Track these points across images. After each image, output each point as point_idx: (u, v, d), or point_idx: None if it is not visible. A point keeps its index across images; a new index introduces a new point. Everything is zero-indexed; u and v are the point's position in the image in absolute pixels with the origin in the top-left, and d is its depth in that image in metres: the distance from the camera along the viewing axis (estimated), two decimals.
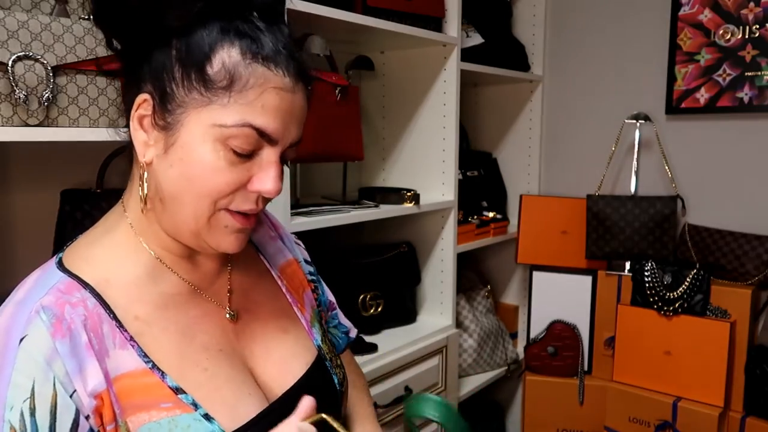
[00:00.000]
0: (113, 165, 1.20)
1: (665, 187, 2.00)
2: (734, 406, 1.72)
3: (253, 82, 0.59)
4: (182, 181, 0.60)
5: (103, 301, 0.61)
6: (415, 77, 1.83)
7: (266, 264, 0.81)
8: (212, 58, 0.59)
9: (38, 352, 0.55)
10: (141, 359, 0.61)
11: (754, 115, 1.85)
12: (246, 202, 0.62)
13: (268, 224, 0.86)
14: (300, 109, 0.63)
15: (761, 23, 1.81)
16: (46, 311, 0.57)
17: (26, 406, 0.54)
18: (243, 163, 0.61)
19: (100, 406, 0.57)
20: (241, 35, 0.60)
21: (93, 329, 0.59)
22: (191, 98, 0.59)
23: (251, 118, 0.59)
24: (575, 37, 2.20)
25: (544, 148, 2.31)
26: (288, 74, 0.61)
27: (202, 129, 0.59)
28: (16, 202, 1.17)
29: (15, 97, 0.86)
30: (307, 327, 0.79)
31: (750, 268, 1.76)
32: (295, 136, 0.63)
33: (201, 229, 0.63)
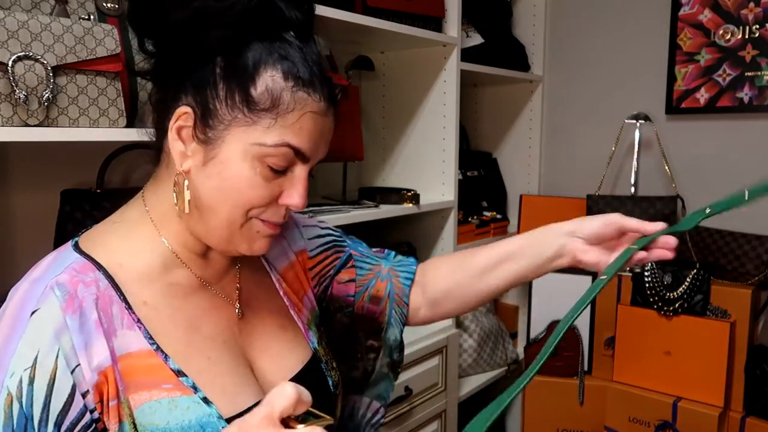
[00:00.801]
0: (113, 165, 1.20)
1: (665, 187, 2.00)
2: (734, 406, 1.72)
3: (293, 106, 0.63)
4: (219, 193, 0.64)
5: (115, 283, 0.64)
6: (415, 77, 1.84)
7: (267, 267, 0.84)
8: (257, 80, 0.62)
9: (48, 325, 0.57)
10: (146, 341, 0.63)
11: (754, 115, 1.85)
12: (275, 214, 0.67)
13: None
14: (330, 130, 0.68)
15: (761, 23, 1.81)
16: (59, 287, 0.59)
17: (26, 375, 0.56)
18: (276, 179, 0.65)
19: (102, 382, 0.59)
20: (283, 57, 0.63)
21: (103, 308, 0.61)
22: (234, 117, 0.63)
23: (290, 138, 0.63)
24: (575, 37, 2.20)
25: (544, 148, 2.31)
26: (323, 99, 0.65)
27: (243, 147, 0.63)
28: (16, 202, 1.17)
29: (15, 97, 0.87)
30: (303, 328, 0.81)
31: (750, 268, 1.76)
32: (323, 154, 0.69)
33: (234, 235, 0.67)
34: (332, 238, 0.93)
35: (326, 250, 0.91)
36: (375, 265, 0.95)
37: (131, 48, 1.11)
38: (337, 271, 0.92)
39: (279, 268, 0.84)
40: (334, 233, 0.94)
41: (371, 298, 0.93)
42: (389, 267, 0.95)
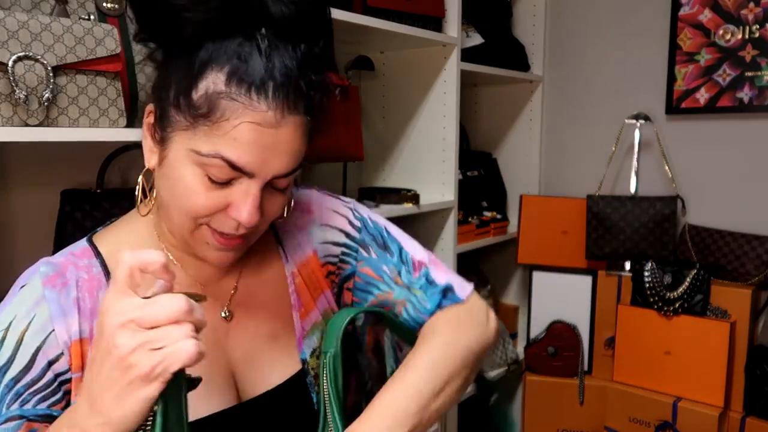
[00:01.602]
0: (113, 165, 1.20)
1: (665, 187, 2.00)
2: (734, 406, 1.72)
3: (229, 114, 0.57)
4: (169, 194, 0.63)
5: (108, 272, 0.66)
6: (415, 77, 1.83)
7: (283, 259, 0.78)
8: (198, 84, 0.58)
9: (29, 297, 0.62)
10: None
11: (754, 115, 1.86)
12: (225, 225, 0.62)
13: (298, 212, 0.80)
14: (287, 143, 0.60)
15: (761, 23, 1.81)
16: (47, 265, 0.65)
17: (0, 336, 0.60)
18: (221, 189, 0.61)
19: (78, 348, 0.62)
20: (235, 58, 0.58)
21: (88, 290, 0.64)
22: (178, 120, 0.60)
23: (223, 149, 0.58)
24: (575, 37, 2.20)
25: (544, 148, 2.31)
26: (273, 107, 0.58)
27: (184, 151, 0.60)
28: (16, 202, 1.17)
29: (15, 97, 0.86)
30: (298, 336, 0.75)
31: (750, 268, 1.76)
32: (279, 169, 0.61)
33: (187, 240, 0.65)
34: (343, 250, 0.81)
35: (332, 264, 0.81)
36: (384, 293, 0.81)
37: (131, 48, 1.11)
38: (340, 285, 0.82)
39: (296, 260, 0.78)
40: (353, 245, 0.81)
41: None
42: (402, 299, 0.80)
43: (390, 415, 0.64)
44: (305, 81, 0.61)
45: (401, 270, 0.80)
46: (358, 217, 0.82)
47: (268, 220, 0.66)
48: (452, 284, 0.80)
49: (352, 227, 0.82)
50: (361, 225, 0.82)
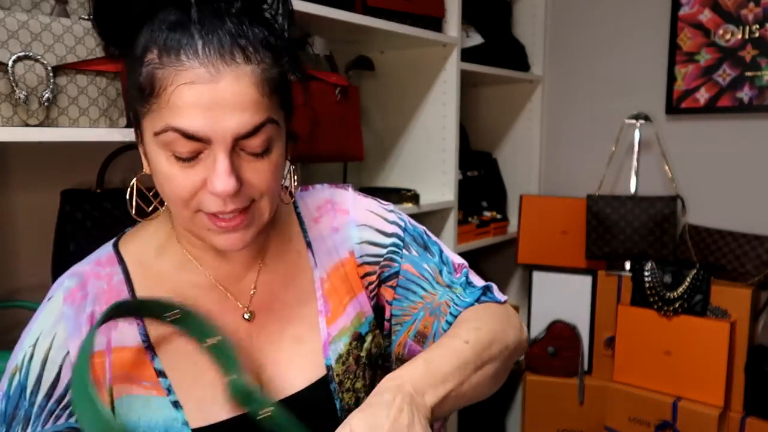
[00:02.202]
0: (113, 165, 1.20)
1: (665, 187, 2.00)
2: (734, 406, 1.72)
3: (165, 83, 0.56)
4: (160, 189, 0.63)
5: (129, 279, 0.67)
6: (415, 77, 1.83)
7: (312, 263, 0.76)
8: (141, 69, 0.58)
9: (52, 312, 0.64)
10: (140, 337, 0.65)
11: (754, 115, 1.86)
12: (212, 204, 0.60)
13: (334, 212, 0.79)
14: (232, 96, 0.56)
15: (761, 23, 1.81)
16: (72, 278, 0.66)
17: (29, 352, 0.63)
18: (192, 167, 0.58)
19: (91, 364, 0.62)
20: (164, 31, 0.57)
21: (107, 302, 0.65)
22: (139, 111, 0.60)
23: (170, 120, 0.56)
24: (575, 37, 2.20)
25: (544, 148, 2.31)
26: (204, 62, 0.55)
27: (150, 140, 0.60)
28: (16, 202, 1.17)
29: (15, 97, 0.87)
30: (324, 341, 0.73)
31: (750, 268, 1.76)
32: (236, 126, 0.57)
33: (193, 230, 0.64)
34: (387, 250, 0.79)
35: (374, 263, 0.78)
36: (428, 294, 0.78)
37: None
38: (380, 284, 0.80)
39: (327, 265, 0.76)
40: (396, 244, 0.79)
41: (417, 335, 0.78)
42: (446, 299, 0.77)
43: (433, 370, 0.63)
44: (237, 28, 0.57)
45: (442, 270, 0.79)
46: (400, 218, 0.82)
47: (261, 190, 0.62)
48: (491, 286, 0.80)
49: (392, 225, 0.80)
50: (403, 225, 0.81)
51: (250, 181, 0.60)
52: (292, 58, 0.63)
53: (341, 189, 0.81)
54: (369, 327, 0.77)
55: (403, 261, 0.78)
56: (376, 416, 0.56)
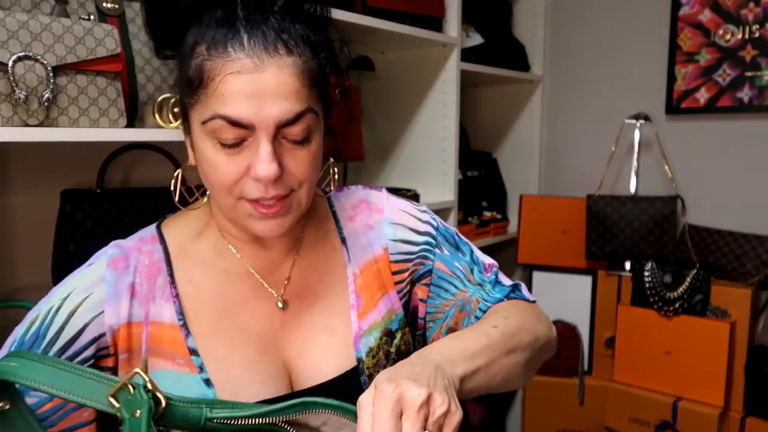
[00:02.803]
0: (113, 165, 1.21)
1: (665, 187, 2.00)
2: (734, 406, 1.72)
3: (213, 74, 0.60)
4: (205, 179, 0.67)
5: (169, 259, 0.70)
6: (415, 77, 1.83)
7: (346, 258, 0.78)
8: (191, 61, 0.62)
9: (92, 275, 0.67)
10: (176, 315, 0.68)
11: (754, 115, 1.86)
12: (254, 190, 0.63)
13: (368, 211, 0.81)
14: (276, 85, 0.60)
15: (761, 23, 1.81)
16: (116, 248, 0.69)
17: (56, 304, 0.65)
18: (237, 154, 0.62)
19: (125, 332, 0.66)
20: (212, 27, 0.61)
21: (147, 276, 0.68)
22: (188, 103, 0.65)
23: (217, 108, 0.60)
24: (575, 37, 2.20)
25: (544, 148, 2.31)
26: (250, 54, 0.60)
27: (198, 129, 0.64)
28: (16, 202, 1.17)
29: (15, 97, 0.87)
30: (355, 334, 0.75)
31: (750, 268, 1.76)
32: (278, 114, 0.60)
33: (236, 218, 0.67)
34: (420, 248, 0.80)
35: (407, 261, 0.80)
36: (460, 291, 0.80)
37: (131, 48, 1.11)
38: (413, 282, 0.81)
39: (360, 261, 0.78)
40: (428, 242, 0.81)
41: (448, 331, 0.80)
42: (476, 297, 0.79)
43: (462, 345, 0.64)
44: (279, 24, 0.62)
45: (473, 269, 0.81)
46: (432, 218, 0.83)
47: (300, 179, 0.65)
48: (520, 285, 0.81)
49: (425, 225, 0.82)
50: (435, 225, 0.83)
51: (291, 168, 0.64)
52: (329, 54, 0.67)
53: (375, 190, 0.84)
54: (399, 324, 0.79)
55: (435, 259, 0.80)
56: (398, 368, 0.56)
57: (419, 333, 0.83)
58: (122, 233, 1.16)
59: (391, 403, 0.52)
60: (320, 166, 0.70)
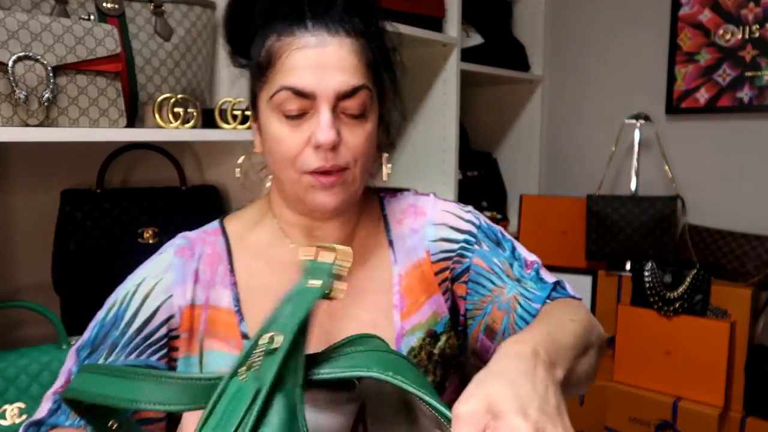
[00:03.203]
0: (113, 165, 1.21)
1: (665, 187, 2.00)
2: (734, 406, 1.72)
3: (281, 52, 0.67)
4: (270, 158, 0.72)
5: (229, 249, 0.76)
6: (415, 77, 1.83)
7: (392, 259, 0.80)
8: (261, 50, 0.70)
9: (162, 262, 0.73)
10: (233, 302, 0.73)
11: (754, 115, 1.86)
12: (314, 160, 0.68)
13: (414, 215, 0.84)
14: (337, 59, 0.67)
15: (761, 23, 1.81)
16: (183, 239, 0.76)
17: (132, 289, 0.71)
18: (300, 125, 0.68)
19: (188, 313, 0.72)
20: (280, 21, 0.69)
21: (210, 264, 0.74)
22: (257, 86, 0.72)
23: (283, 80, 0.67)
24: (575, 37, 2.20)
25: (544, 148, 2.31)
26: (315, 33, 0.67)
27: (265, 107, 0.70)
28: (16, 202, 1.17)
29: (15, 97, 0.87)
30: (397, 333, 0.77)
31: (750, 268, 1.76)
32: (338, 85, 0.67)
33: (299, 193, 0.71)
34: (459, 245, 0.81)
35: (446, 259, 0.81)
36: (497, 287, 0.79)
37: (131, 48, 1.11)
38: (453, 280, 0.82)
39: (406, 264, 0.80)
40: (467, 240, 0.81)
41: (486, 329, 0.79)
42: (514, 294, 0.77)
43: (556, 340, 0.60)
44: (341, 17, 0.69)
45: (513, 264, 0.80)
46: (476, 217, 0.84)
47: (355, 155, 0.69)
48: (562, 282, 0.80)
49: (467, 223, 0.83)
50: (478, 223, 0.83)
51: (347, 140, 0.69)
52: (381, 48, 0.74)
53: (424, 195, 0.87)
54: (444, 327, 0.80)
55: (473, 256, 0.81)
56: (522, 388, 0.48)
57: (460, 329, 0.83)
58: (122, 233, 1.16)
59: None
60: (374, 150, 0.74)
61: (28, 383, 1.01)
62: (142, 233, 1.17)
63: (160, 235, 1.19)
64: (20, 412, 1.00)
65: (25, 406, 1.01)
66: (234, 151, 1.35)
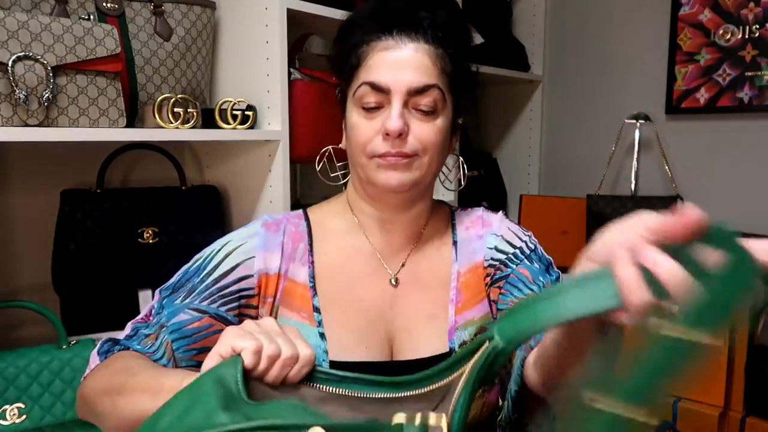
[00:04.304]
0: (113, 165, 1.21)
1: (665, 187, 2.00)
2: (734, 406, 1.72)
3: (367, 53, 0.77)
4: (350, 146, 0.81)
5: (310, 232, 0.84)
6: None
7: (454, 257, 0.87)
8: (351, 55, 0.79)
9: (247, 231, 0.82)
10: (308, 278, 0.81)
11: (754, 115, 1.85)
12: (382, 146, 0.75)
13: (481, 225, 0.89)
14: (412, 59, 0.75)
15: (761, 23, 1.81)
16: (270, 216, 0.85)
17: (217, 248, 0.80)
18: (375, 117, 0.76)
19: (266, 278, 0.79)
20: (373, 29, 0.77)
21: (293, 240, 0.82)
22: (347, 85, 0.80)
23: (365, 77, 0.76)
24: (575, 37, 2.20)
25: (544, 148, 2.31)
26: (394, 35, 0.76)
27: (350, 102, 0.79)
28: (16, 202, 1.18)
29: (15, 97, 0.87)
30: (451, 326, 0.82)
31: None
32: (410, 81, 0.74)
33: (368, 174, 0.78)
34: (507, 256, 0.84)
35: (492, 267, 0.85)
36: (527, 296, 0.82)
37: (131, 48, 1.11)
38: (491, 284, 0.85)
39: (464, 263, 0.86)
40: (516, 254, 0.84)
41: None
42: None
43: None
44: (422, 17, 0.77)
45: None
46: (533, 241, 0.87)
47: (424, 145, 0.76)
48: None
49: (524, 243, 0.86)
50: (533, 247, 0.86)
51: (416, 132, 0.76)
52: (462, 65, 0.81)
53: (493, 212, 0.93)
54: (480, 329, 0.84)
55: (518, 266, 0.83)
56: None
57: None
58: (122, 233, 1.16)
59: None
60: (446, 145, 0.81)
61: (28, 383, 1.01)
62: (142, 233, 1.17)
63: (159, 235, 1.19)
64: (20, 412, 1.00)
65: (25, 406, 1.01)
66: (234, 151, 1.35)
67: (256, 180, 1.31)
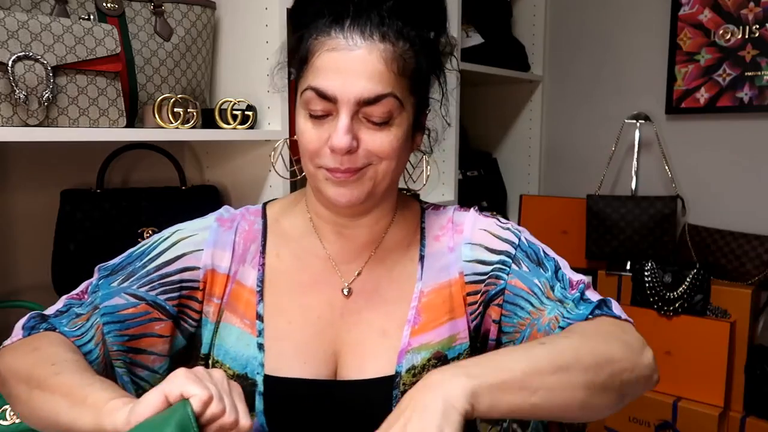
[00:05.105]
0: (113, 165, 1.20)
1: (665, 187, 2.00)
2: (734, 406, 1.72)
3: (315, 50, 0.67)
4: (299, 148, 0.72)
5: (265, 232, 0.79)
6: None
7: (418, 275, 0.78)
8: (301, 46, 0.70)
9: (200, 223, 0.79)
10: (256, 282, 0.76)
11: (754, 115, 1.86)
12: (331, 160, 0.68)
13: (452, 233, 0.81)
14: (363, 64, 0.65)
15: (761, 23, 1.81)
16: (227, 211, 0.81)
17: (166, 235, 0.77)
18: (322, 125, 0.68)
19: (212, 277, 0.76)
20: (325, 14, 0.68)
21: (245, 240, 0.78)
22: (297, 79, 0.72)
23: (311, 80, 0.67)
24: (575, 37, 2.20)
25: (544, 148, 2.31)
26: (347, 35, 0.66)
27: (298, 101, 0.71)
28: (16, 202, 1.17)
29: (15, 97, 0.87)
30: (402, 348, 0.74)
31: (750, 268, 1.76)
32: (360, 91, 0.65)
33: (316, 184, 0.72)
34: (492, 267, 0.77)
35: (478, 282, 0.78)
36: (536, 310, 0.74)
37: (131, 48, 1.11)
38: (486, 303, 0.78)
39: (431, 282, 0.78)
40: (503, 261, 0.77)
41: None
42: (555, 314, 0.72)
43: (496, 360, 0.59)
44: (381, 20, 0.67)
45: (555, 285, 0.75)
46: (515, 235, 0.80)
47: (379, 155, 0.68)
48: (609, 301, 0.73)
49: (504, 243, 0.78)
50: (516, 242, 0.78)
51: (367, 145, 0.68)
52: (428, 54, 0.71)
53: (464, 210, 0.84)
54: (457, 355, 0.77)
55: (509, 277, 0.76)
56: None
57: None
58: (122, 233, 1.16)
59: None
60: (404, 153, 0.72)
61: None
62: (142, 233, 1.17)
63: None
64: None
65: None
66: (234, 151, 1.35)
67: (256, 180, 1.31)
